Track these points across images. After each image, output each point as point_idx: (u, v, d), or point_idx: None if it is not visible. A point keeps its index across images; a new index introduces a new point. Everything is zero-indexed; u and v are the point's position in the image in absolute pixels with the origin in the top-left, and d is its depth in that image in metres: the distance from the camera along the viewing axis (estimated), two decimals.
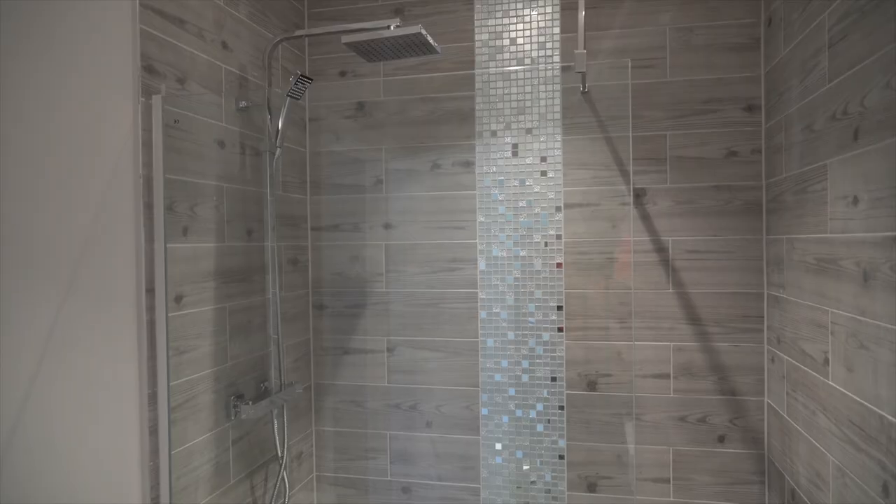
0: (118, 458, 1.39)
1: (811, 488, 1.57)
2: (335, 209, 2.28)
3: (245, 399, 1.81)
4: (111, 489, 1.37)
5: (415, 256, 2.21)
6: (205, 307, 1.68)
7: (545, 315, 2.11)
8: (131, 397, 1.43)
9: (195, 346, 1.63)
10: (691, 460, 2.02)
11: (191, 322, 1.62)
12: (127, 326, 1.42)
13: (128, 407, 1.42)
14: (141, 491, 1.46)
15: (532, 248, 2.12)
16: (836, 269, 1.40)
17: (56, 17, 1.25)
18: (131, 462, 1.43)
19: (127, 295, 1.42)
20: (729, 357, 1.99)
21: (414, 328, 2.22)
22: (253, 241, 1.92)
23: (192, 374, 1.62)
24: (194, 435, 1.62)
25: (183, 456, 1.57)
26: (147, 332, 1.47)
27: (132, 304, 1.43)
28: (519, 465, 2.14)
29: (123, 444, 1.41)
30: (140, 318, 1.45)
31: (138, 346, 1.45)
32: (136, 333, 1.44)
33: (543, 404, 2.12)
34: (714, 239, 2.00)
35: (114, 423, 1.38)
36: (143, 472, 1.46)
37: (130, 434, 1.43)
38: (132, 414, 1.43)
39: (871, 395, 1.24)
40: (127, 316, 1.42)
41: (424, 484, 2.22)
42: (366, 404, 2.26)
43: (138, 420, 1.45)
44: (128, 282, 1.42)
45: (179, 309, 1.57)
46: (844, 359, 1.36)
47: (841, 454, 1.39)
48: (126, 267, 1.42)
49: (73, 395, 1.28)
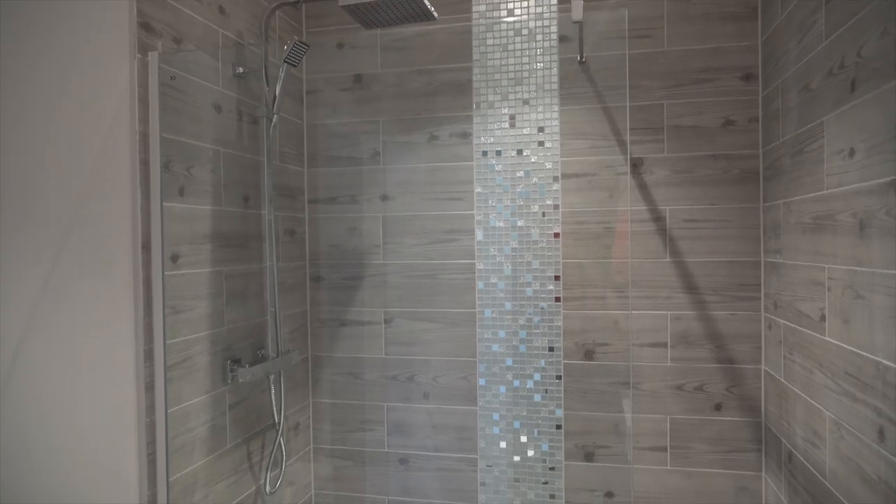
0: (114, 412, 1.39)
1: (808, 448, 1.58)
2: (332, 181, 2.28)
3: (242, 364, 1.81)
4: (107, 444, 1.37)
5: (412, 228, 2.21)
6: (201, 269, 1.67)
7: (542, 285, 2.11)
8: (127, 353, 1.43)
9: (191, 306, 1.63)
10: (688, 429, 2.03)
11: (187, 283, 1.61)
12: (123, 282, 1.42)
13: (124, 362, 1.42)
14: (137, 447, 1.45)
15: (529, 218, 2.12)
16: (833, 224, 1.40)
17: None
18: (128, 418, 1.43)
19: (123, 250, 1.42)
20: (726, 325, 2.00)
21: (411, 299, 2.22)
22: (250, 209, 1.92)
23: (189, 334, 1.61)
24: (190, 396, 1.62)
25: (179, 416, 1.57)
26: (143, 288, 1.46)
27: (128, 260, 1.43)
28: (516, 436, 2.14)
29: (119, 399, 1.41)
30: (136, 274, 1.45)
31: (134, 301, 1.45)
32: (132, 289, 1.44)
33: (541, 374, 2.12)
34: (711, 208, 2.00)
35: (109, 378, 1.38)
36: (140, 429, 1.46)
37: (126, 389, 1.42)
38: (128, 369, 1.43)
39: (867, 344, 1.24)
40: (123, 271, 1.42)
41: (421, 455, 2.22)
42: (363, 376, 2.26)
43: (134, 376, 1.44)
44: (124, 237, 1.42)
45: (175, 268, 1.57)
46: (841, 312, 1.37)
47: (837, 407, 1.39)
48: (122, 222, 1.42)
49: (68, 347, 1.28)
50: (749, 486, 1.99)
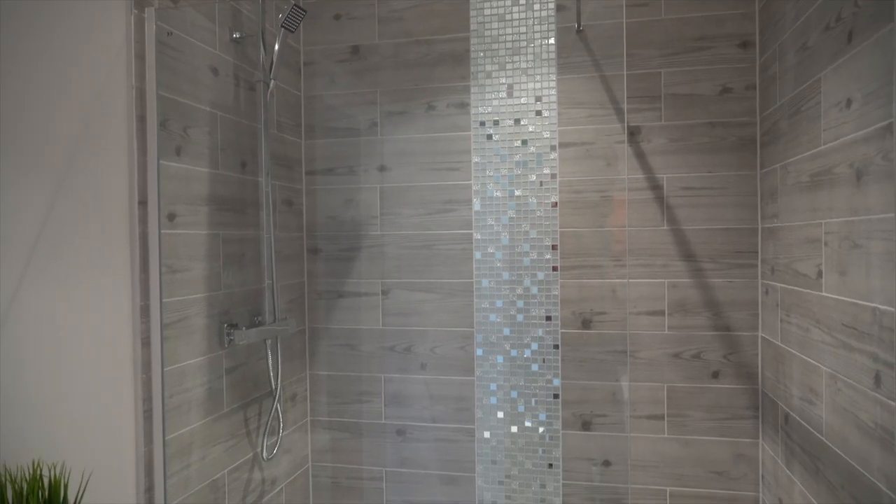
0: (110, 366, 1.39)
1: (804, 407, 1.58)
2: (330, 153, 2.27)
3: (239, 327, 1.80)
4: (103, 399, 1.37)
5: (409, 198, 2.21)
6: (198, 230, 1.67)
7: (540, 254, 2.11)
8: (123, 307, 1.42)
9: (188, 266, 1.62)
10: (685, 396, 2.03)
11: (183, 242, 1.61)
12: (119, 236, 1.41)
13: (120, 316, 1.41)
14: (133, 403, 1.45)
15: (527, 187, 2.12)
16: (830, 178, 1.41)
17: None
18: (124, 373, 1.42)
19: (119, 204, 1.41)
20: (723, 293, 2.00)
21: (409, 270, 2.22)
22: (247, 175, 1.91)
23: (185, 295, 1.61)
24: (187, 356, 1.61)
25: (176, 374, 1.57)
26: (140, 244, 1.46)
27: (124, 215, 1.43)
28: (514, 406, 2.14)
29: (115, 353, 1.40)
30: (132, 229, 1.45)
31: (130, 257, 1.44)
32: (128, 244, 1.44)
33: (538, 343, 2.12)
34: (708, 175, 2.00)
35: (105, 331, 1.38)
36: (136, 385, 1.45)
37: (123, 344, 1.42)
38: (124, 324, 1.43)
39: (864, 292, 1.24)
40: (119, 226, 1.41)
41: (419, 426, 2.22)
42: (360, 347, 2.26)
43: (131, 331, 1.44)
44: (120, 191, 1.42)
45: (172, 227, 1.57)
46: (837, 265, 1.37)
47: (833, 361, 1.39)
48: (118, 177, 1.41)
49: (63, 297, 1.27)
50: (746, 453, 1.99)
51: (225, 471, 1.77)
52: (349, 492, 2.28)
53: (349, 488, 2.28)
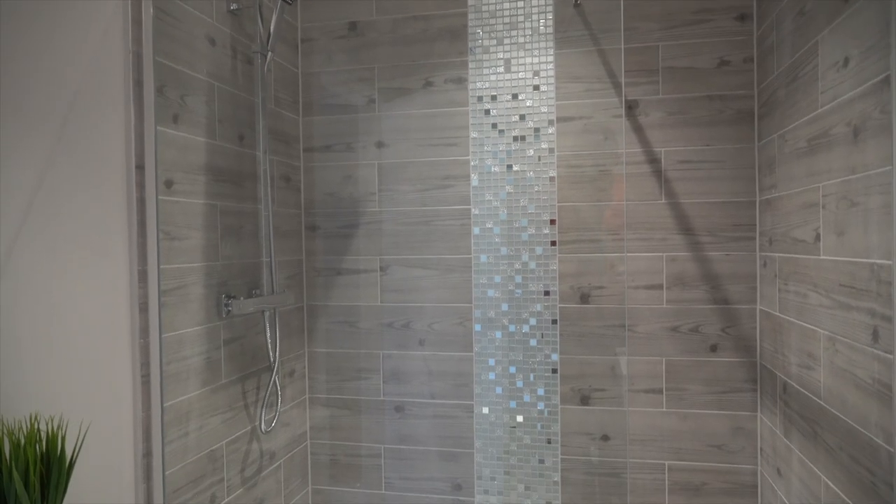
0: (108, 329, 1.38)
1: (802, 373, 1.58)
2: (327, 130, 2.27)
3: (237, 298, 1.80)
4: (101, 361, 1.36)
5: (407, 174, 2.21)
6: (195, 199, 1.67)
7: (538, 229, 2.11)
8: (121, 271, 1.42)
9: (186, 235, 1.62)
10: (684, 370, 2.03)
11: (181, 210, 1.61)
12: (116, 199, 1.41)
13: (117, 280, 1.41)
14: (131, 367, 1.45)
15: (525, 162, 2.12)
16: (828, 140, 1.41)
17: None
18: (121, 336, 1.42)
19: (116, 168, 1.41)
20: (721, 266, 2.00)
21: (407, 247, 2.21)
22: (244, 148, 1.91)
23: (183, 263, 1.61)
24: (184, 325, 1.61)
25: (173, 342, 1.56)
26: (137, 209, 1.46)
27: (121, 178, 1.42)
28: (512, 381, 2.14)
29: (113, 316, 1.40)
30: (129, 193, 1.44)
31: (128, 221, 1.44)
32: (125, 208, 1.43)
33: (536, 319, 2.12)
34: (706, 149, 2.00)
35: (103, 294, 1.37)
36: (134, 349, 1.45)
37: (120, 308, 1.42)
38: (122, 288, 1.42)
39: (861, 249, 1.24)
40: (116, 189, 1.41)
41: (417, 402, 2.22)
42: (358, 324, 2.26)
43: (128, 295, 1.44)
44: (117, 154, 1.41)
45: (170, 194, 1.56)
46: (835, 226, 1.37)
47: (831, 323, 1.39)
48: (115, 139, 1.41)
49: (60, 257, 1.27)
50: (745, 426, 1.99)
51: (223, 442, 1.77)
52: (348, 469, 2.27)
53: (348, 465, 2.27)
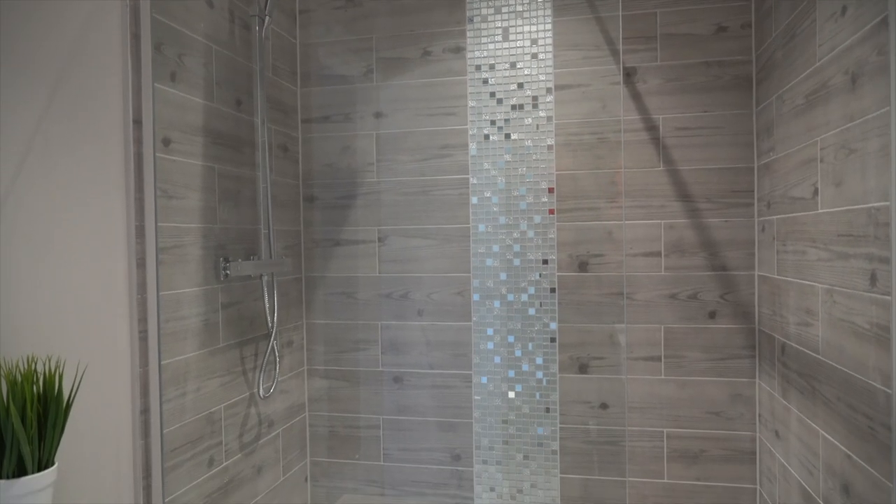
0: (105, 283, 1.38)
1: (800, 332, 1.58)
2: (325, 100, 2.27)
3: (235, 261, 1.80)
4: (98, 315, 1.36)
5: (405, 145, 2.21)
6: (193, 160, 1.66)
7: (536, 198, 2.11)
8: (118, 225, 1.42)
9: (183, 195, 1.62)
10: (682, 337, 2.03)
11: (179, 170, 1.60)
12: (113, 153, 1.41)
13: (114, 234, 1.41)
14: (129, 323, 1.44)
15: (523, 131, 2.12)
16: (825, 92, 1.40)
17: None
18: (119, 290, 1.42)
19: (113, 120, 1.41)
20: (719, 232, 2.00)
21: (405, 217, 2.21)
22: (242, 113, 1.91)
23: (180, 222, 1.60)
24: (182, 285, 1.61)
25: (171, 301, 1.56)
26: (134, 163, 1.45)
27: (119, 131, 1.42)
28: (511, 350, 2.14)
29: (110, 270, 1.39)
30: (127, 147, 1.44)
31: (125, 175, 1.44)
32: (122, 162, 1.43)
33: (535, 287, 2.12)
34: (704, 115, 2.00)
35: (100, 246, 1.37)
36: (132, 304, 1.45)
37: (118, 262, 1.41)
38: (119, 242, 1.42)
39: (859, 195, 1.24)
40: (113, 142, 1.41)
41: (416, 373, 2.21)
42: (357, 295, 2.25)
43: (126, 249, 1.43)
44: (114, 107, 1.41)
45: (167, 152, 1.56)
46: (833, 177, 1.37)
47: (829, 275, 1.39)
48: (113, 93, 1.41)
49: (58, 205, 1.27)
50: (743, 392, 1.99)
51: (221, 406, 1.77)
52: (346, 440, 2.27)
53: (346, 437, 2.27)
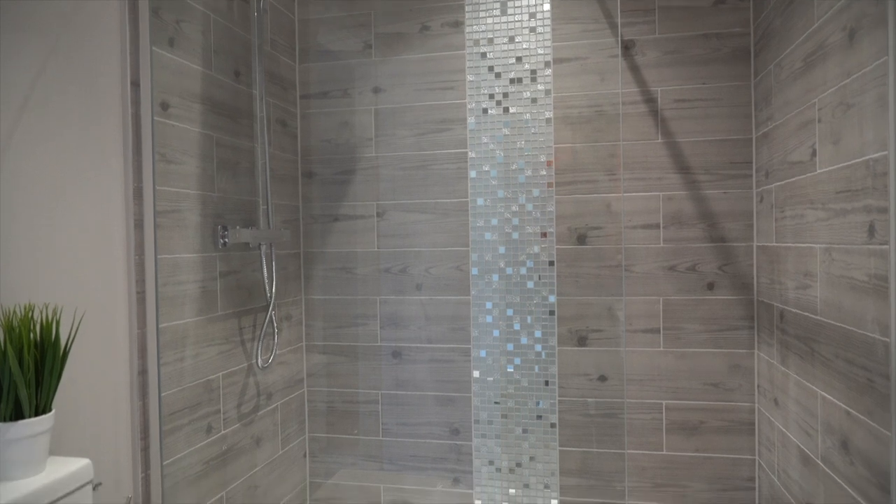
0: (102, 243, 1.38)
1: (799, 296, 1.58)
2: (324, 76, 2.27)
3: (234, 228, 1.80)
4: (96, 273, 1.36)
5: (404, 119, 2.21)
6: (191, 127, 1.66)
7: (535, 171, 2.11)
8: (115, 186, 1.42)
9: (181, 160, 1.62)
10: (681, 309, 2.03)
11: (177, 135, 1.60)
12: (111, 113, 1.40)
13: (112, 194, 1.41)
14: (126, 281, 1.44)
15: (522, 104, 2.12)
16: (823, 52, 1.41)
17: None
18: (116, 250, 1.41)
19: (111, 82, 1.41)
20: (718, 204, 2.00)
21: (404, 191, 2.21)
22: (241, 85, 1.91)
23: (179, 187, 1.60)
24: (180, 249, 1.61)
25: (169, 264, 1.56)
26: (133, 125, 1.45)
27: (117, 92, 1.42)
28: (509, 323, 2.14)
29: (107, 229, 1.39)
30: (125, 108, 1.44)
31: (123, 135, 1.44)
32: (120, 123, 1.43)
33: (533, 261, 2.12)
34: (702, 87, 2.00)
35: (97, 205, 1.37)
36: (129, 263, 1.45)
37: (115, 222, 1.41)
38: (117, 203, 1.42)
39: (857, 149, 1.24)
40: (111, 103, 1.41)
41: (415, 347, 2.21)
42: (355, 270, 2.25)
43: (123, 209, 1.43)
44: (112, 69, 1.41)
45: (165, 117, 1.56)
46: (831, 135, 1.37)
47: (828, 234, 1.39)
48: (111, 53, 1.40)
49: (54, 163, 1.26)
50: (742, 363, 1.99)
51: (219, 374, 1.77)
52: (345, 415, 2.27)
53: (345, 412, 2.27)
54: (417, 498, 2.21)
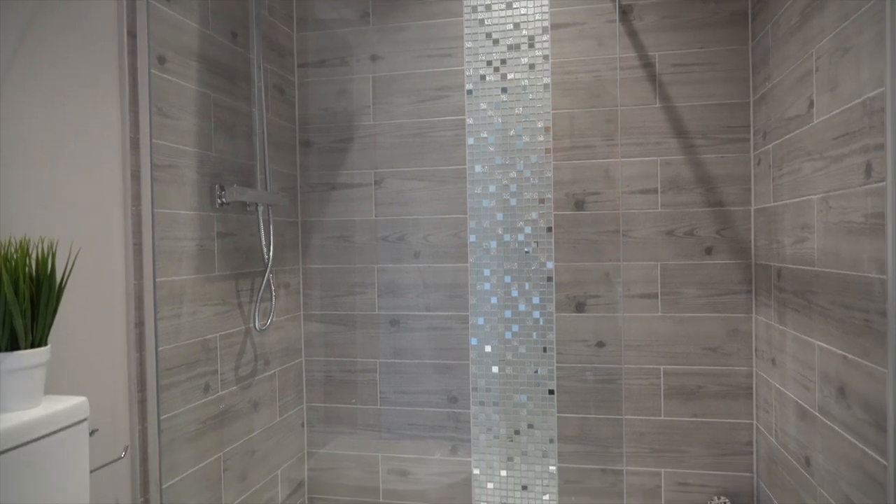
0: (99, 192, 1.37)
1: (796, 250, 1.58)
2: (321, 44, 2.26)
3: (231, 185, 1.79)
4: (92, 224, 1.35)
5: (402, 87, 2.20)
6: (188, 83, 1.66)
7: (533, 137, 2.11)
8: (112, 135, 1.41)
9: (178, 116, 1.61)
10: (679, 274, 2.03)
11: (174, 91, 1.60)
12: (108, 61, 1.40)
13: (108, 143, 1.40)
14: (123, 232, 1.44)
15: (520, 70, 2.12)
16: (820, 1, 1.41)
17: None
18: (112, 200, 1.41)
19: (107, 30, 1.40)
20: (716, 168, 2.00)
21: (401, 159, 2.21)
22: (238, 47, 1.90)
23: (176, 143, 1.60)
24: (177, 205, 1.60)
25: (166, 219, 1.55)
26: (129, 75, 1.45)
27: (113, 42, 1.42)
28: (507, 290, 2.13)
29: (104, 179, 1.39)
30: (121, 57, 1.43)
31: (119, 85, 1.43)
32: (117, 72, 1.42)
33: (531, 227, 2.12)
34: (700, 51, 2.00)
35: (93, 153, 1.36)
36: (126, 214, 1.44)
37: (112, 172, 1.41)
38: (113, 152, 1.41)
39: (854, 91, 1.24)
40: (107, 52, 1.40)
41: (412, 315, 2.21)
42: (353, 239, 2.25)
43: (120, 160, 1.43)
44: (108, 17, 1.40)
45: (163, 71, 1.56)
46: (828, 82, 1.37)
47: (825, 182, 1.39)
48: (106, 1, 1.40)
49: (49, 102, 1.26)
50: (740, 327, 1.99)
51: (216, 334, 1.76)
52: (343, 385, 2.27)
53: (342, 381, 2.27)
54: (416, 466, 2.21)
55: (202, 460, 1.69)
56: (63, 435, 1.07)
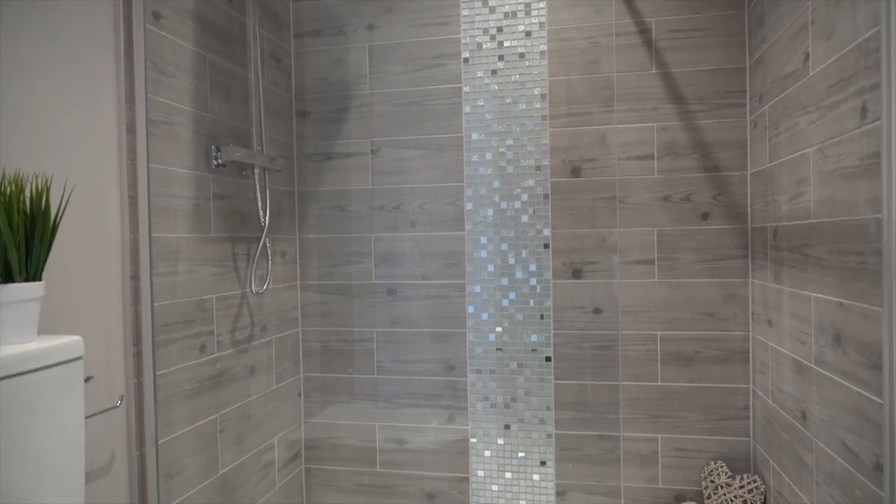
0: (95, 145, 1.37)
1: (793, 207, 1.58)
2: (318, 14, 2.26)
3: (228, 145, 1.79)
4: (88, 176, 1.35)
5: (398, 56, 2.20)
6: (184, 42, 1.65)
7: (529, 104, 2.11)
8: (108, 84, 1.41)
9: (174, 73, 1.61)
10: (675, 239, 2.03)
11: (169, 48, 1.59)
12: (101, 12, 1.40)
13: (104, 95, 1.40)
14: (119, 184, 1.43)
15: (516, 38, 2.12)
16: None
17: None
18: (108, 152, 1.41)
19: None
20: (712, 133, 2.00)
21: (398, 128, 2.21)
22: (234, 11, 1.90)
23: (172, 100, 1.59)
24: (173, 163, 1.60)
25: (161, 175, 1.55)
26: (124, 27, 1.45)
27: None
28: (504, 258, 2.13)
29: (100, 131, 1.39)
30: (116, 8, 1.43)
31: (114, 36, 1.43)
32: (112, 22, 1.42)
33: (528, 194, 2.12)
34: (696, 16, 2.00)
35: (88, 105, 1.36)
36: (122, 169, 1.44)
37: (107, 125, 1.40)
38: (108, 104, 1.41)
39: (849, 38, 1.24)
40: (102, 1, 1.40)
41: (409, 284, 2.21)
42: (350, 208, 2.25)
43: (115, 112, 1.43)
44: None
45: (158, 27, 1.55)
46: (824, 32, 1.37)
47: (820, 132, 1.39)
48: None
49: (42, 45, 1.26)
50: (736, 292, 1.99)
51: (213, 296, 1.76)
52: (339, 354, 2.27)
53: (339, 351, 2.27)
54: (413, 435, 2.21)
55: (198, 420, 1.68)
56: (58, 371, 1.06)
